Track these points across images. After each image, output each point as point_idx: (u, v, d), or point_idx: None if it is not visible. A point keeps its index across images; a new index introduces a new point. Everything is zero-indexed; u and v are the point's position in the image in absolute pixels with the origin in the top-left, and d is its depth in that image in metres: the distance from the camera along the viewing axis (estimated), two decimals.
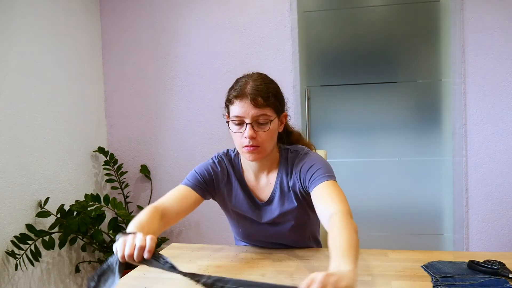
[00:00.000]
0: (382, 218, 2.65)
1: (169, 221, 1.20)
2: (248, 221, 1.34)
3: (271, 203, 1.30)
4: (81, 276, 2.63)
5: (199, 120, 2.80)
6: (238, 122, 1.20)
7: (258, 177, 1.32)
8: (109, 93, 2.92)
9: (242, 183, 1.32)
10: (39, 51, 2.35)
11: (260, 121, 1.19)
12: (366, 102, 2.66)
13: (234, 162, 1.34)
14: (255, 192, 1.32)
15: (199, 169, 1.31)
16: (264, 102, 1.18)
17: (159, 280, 1.13)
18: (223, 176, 1.32)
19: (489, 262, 1.07)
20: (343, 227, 0.99)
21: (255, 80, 1.22)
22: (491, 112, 2.47)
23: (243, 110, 1.18)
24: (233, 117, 1.20)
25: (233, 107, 1.21)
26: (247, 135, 1.18)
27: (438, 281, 1.01)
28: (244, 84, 1.21)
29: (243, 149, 1.21)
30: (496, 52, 2.44)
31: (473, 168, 2.50)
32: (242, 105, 1.19)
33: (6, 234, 2.10)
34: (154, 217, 1.13)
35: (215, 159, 1.35)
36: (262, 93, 1.19)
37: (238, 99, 1.19)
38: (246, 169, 1.33)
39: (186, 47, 2.80)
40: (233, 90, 1.22)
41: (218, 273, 1.15)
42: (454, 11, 2.47)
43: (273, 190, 1.29)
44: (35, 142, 2.29)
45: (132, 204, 2.91)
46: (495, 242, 2.49)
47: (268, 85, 1.23)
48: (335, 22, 2.70)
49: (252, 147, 1.19)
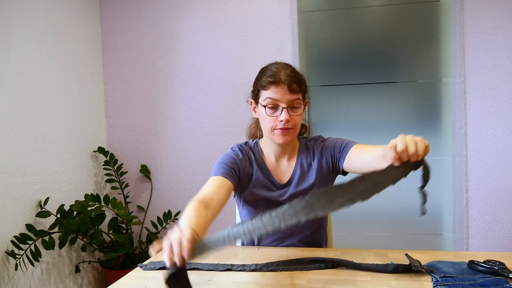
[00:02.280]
0: (382, 218, 2.65)
1: (214, 210, 1.21)
2: (266, 203, 1.38)
3: (290, 184, 1.38)
4: (81, 276, 2.63)
5: (199, 120, 2.80)
6: (273, 106, 1.29)
7: (279, 162, 1.41)
8: (109, 93, 2.92)
9: (263, 167, 1.40)
10: (39, 51, 2.35)
11: (294, 105, 1.30)
12: (366, 102, 2.66)
13: (255, 149, 1.43)
14: (276, 175, 1.40)
15: (223, 159, 1.38)
16: (298, 88, 1.30)
17: (159, 280, 1.13)
18: (245, 161, 1.40)
19: (489, 262, 1.07)
20: None
21: (286, 68, 1.32)
22: (491, 112, 2.47)
23: (279, 95, 1.28)
24: (268, 100, 1.29)
25: (267, 92, 1.30)
26: (283, 118, 1.28)
27: (438, 281, 1.01)
28: (277, 71, 1.31)
29: (275, 131, 1.31)
30: (496, 52, 2.44)
31: (473, 168, 2.50)
32: (278, 90, 1.28)
33: (6, 234, 2.10)
34: (199, 210, 1.14)
35: (235, 148, 1.42)
36: (296, 79, 1.30)
37: (274, 84, 1.28)
38: (266, 154, 1.42)
39: (186, 47, 2.80)
40: (267, 76, 1.30)
41: (217, 271, 1.16)
42: (454, 11, 2.47)
43: (293, 172, 1.39)
44: (35, 142, 2.29)
45: (132, 204, 2.91)
46: (495, 242, 2.49)
47: (298, 73, 1.35)
48: (335, 22, 2.70)
49: (286, 129, 1.29)
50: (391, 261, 1.15)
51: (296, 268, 1.17)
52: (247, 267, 1.19)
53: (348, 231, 2.69)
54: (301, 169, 1.38)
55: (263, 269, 1.17)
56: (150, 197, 2.88)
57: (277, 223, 0.84)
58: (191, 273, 1.16)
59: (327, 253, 1.30)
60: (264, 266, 1.19)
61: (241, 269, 1.18)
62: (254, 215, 1.38)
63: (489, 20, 2.43)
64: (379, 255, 1.25)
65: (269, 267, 1.18)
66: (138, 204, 2.91)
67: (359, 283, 1.05)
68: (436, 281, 1.02)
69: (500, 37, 2.43)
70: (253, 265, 1.20)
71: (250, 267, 1.19)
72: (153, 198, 2.87)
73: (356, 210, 2.57)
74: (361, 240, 2.68)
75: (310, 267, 1.17)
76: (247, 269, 1.18)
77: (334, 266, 1.16)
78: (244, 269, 1.18)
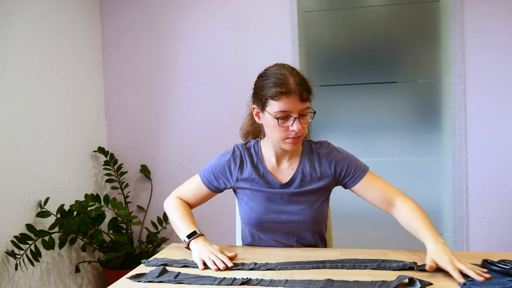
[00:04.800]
0: (382, 218, 2.64)
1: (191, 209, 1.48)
2: (265, 202, 1.37)
3: (291, 185, 1.37)
4: (81, 276, 2.63)
5: (199, 120, 2.80)
6: (284, 116, 1.26)
7: (279, 162, 1.40)
8: (109, 93, 2.92)
9: (259, 168, 1.39)
10: (39, 51, 2.35)
11: (304, 113, 1.27)
12: (366, 102, 2.66)
13: (255, 150, 1.42)
14: (275, 175, 1.39)
15: (215, 164, 1.43)
16: (308, 96, 1.27)
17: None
18: (239, 167, 1.40)
19: (503, 261, 1.05)
20: (415, 208, 1.28)
21: (295, 75, 1.27)
22: (491, 112, 2.47)
23: (291, 105, 1.24)
24: (279, 112, 1.25)
25: (277, 103, 1.25)
26: (296, 129, 1.25)
27: (466, 284, 1.00)
28: (285, 79, 1.25)
29: (286, 140, 1.29)
30: (496, 52, 2.44)
31: (473, 168, 2.50)
32: (289, 101, 1.24)
33: (6, 234, 2.10)
34: (186, 206, 1.44)
35: (235, 149, 1.44)
36: (306, 87, 1.27)
37: (285, 95, 1.24)
38: (267, 156, 1.40)
39: (186, 47, 2.80)
40: (275, 85, 1.25)
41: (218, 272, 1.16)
42: (454, 11, 2.47)
43: (295, 174, 1.37)
44: (35, 142, 2.29)
45: (132, 204, 2.91)
46: (495, 242, 2.49)
47: (305, 78, 1.30)
48: (335, 22, 2.70)
49: (297, 138, 1.28)
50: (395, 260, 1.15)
51: (294, 267, 1.17)
52: (245, 266, 1.19)
53: (348, 231, 2.69)
54: (303, 172, 1.37)
55: (261, 268, 1.17)
56: (150, 197, 2.88)
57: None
58: (192, 271, 1.17)
59: (327, 253, 1.30)
60: (263, 265, 1.19)
61: (240, 268, 1.18)
62: (252, 214, 1.38)
63: (489, 20, 2.43)
64: (379, 255, 1.25)
65: (268, 266, 1.18)
66: (138, 204, 2.91)
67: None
68: (463, 284, 1.00)
69: (500, 37, 2.43)
70: (251, 264, 1.21)
71: (249, 266, 1.19)
72: (153, 198, 2.87)
73: (356, 210, 2.57)
74: (361, 240, 2.68)
75: (309, 266, 1.17)
76: (245, 268, 1.18)
77: (333, 267, 1.16)
78: (243, 268, 1.18)
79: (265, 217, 1.37)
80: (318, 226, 1.41)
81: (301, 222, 1.36)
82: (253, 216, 1.38)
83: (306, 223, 1.36)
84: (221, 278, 1.11)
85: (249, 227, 1.43)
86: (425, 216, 1.24)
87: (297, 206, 1.35)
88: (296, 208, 1.35)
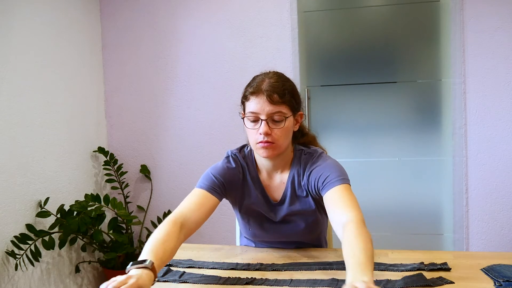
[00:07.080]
0: (382, 218, 2.65)
1: (189, 231, 1.17)
2: (261, 220, 1.34)
3: (283, 203, 1.30)
4: (81, 276, 2.63)
5: (199, 120, 2.80)
6: (254, 119, 1.21)
7: (271, 176, 1.32)
8: (109, 93, 2.92)
9: (257, 182, 1.32)
10: (39, 51, 2.35)
11: (275, 118, 1.20)
12: (366, 102, 2.66)
13: (249, 160, 1.34)
14: (269, 192, 1.32)
15: (214, 170, 1.29)
16: (279, 99, 1.19)
17: (159, 280, 1.13)
18: (238, 175, 1.32)
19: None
20: (358, 236, 1.01)
21: (271, 77, 1.23)
22: (491, 112, 2.47)
23: (259, 106, 1.19)
24: (249, 113, 1.22)
25: (248, 103, 1.22)
26: (262, 131, 1.18)
27: (502, 285, 1.00)
28: (260, 81, 1.22)
29: (257, 145, 1.21)
30: (496, 52, 2.44)
31: (473, 168, 2.50)
32: (257, 101, 1.19)
33: (6, 234, 2.10)
34: (171, 234, 1.09)
35: (230, 158, 1.33)
36: (278, 90, 1.20)
37: (254, 95, 1.21)
38: (260, 167, 1.33)
39: (186, 47, 2.80)
40: (250, 87, 1.24)
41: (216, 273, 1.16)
42: (454, 11, 2.47)
43: (285, 189, 1.30)
44: (35, 142, 2.29)
45: (132, 204, 2.91)
46: (495, 242, 2.49)
47: (284, 82, 1.23)
48: (335, 22, 2.70)
49: (266, 143, 1.19)
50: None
51: (301, 268, 1.16)
52: (251, 267, 1.19)
53: None
54: (292, 187, 1.29)
55: (267, 269, 1.17)
56: (150, 197, 2.87)
57: None
58: (193, 271, 1.16)
59: (327, 253, 1.30)
60: (269, 266, 1.19)
61: (233, 268, 1.18)
62: (249, 229, 1.36)
63: (489, 20, 2.43)
64: (379, 255, 1.25)
65: (274, 267, 1.18)
66: (138, 204, 2.91)
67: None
68: (499, 285, 1.00)
69: (500, 37, 2.43)
70: (257, 264, 1.20)
71: (255, 266, 1.19)
72: (153, 198, 2.87)
73: None
74: None
75: (315, 267, 1.16)
76: (251, 268, 1.18)
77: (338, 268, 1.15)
78: (249, 268, 1.18)
79: (262, 233, 1.36)
80: (316, 234, 1.39)
81: (298, 236, 1.35)
82: (250, 231, 1.37)
83: (303, 236, 1.35)
84: (226, 278, 1.11)
85: (247, 236, 1.43)
86: (363, 249, 0.97)
87: (291, 225, 1.33)
88: (290, 226, 1.33)
